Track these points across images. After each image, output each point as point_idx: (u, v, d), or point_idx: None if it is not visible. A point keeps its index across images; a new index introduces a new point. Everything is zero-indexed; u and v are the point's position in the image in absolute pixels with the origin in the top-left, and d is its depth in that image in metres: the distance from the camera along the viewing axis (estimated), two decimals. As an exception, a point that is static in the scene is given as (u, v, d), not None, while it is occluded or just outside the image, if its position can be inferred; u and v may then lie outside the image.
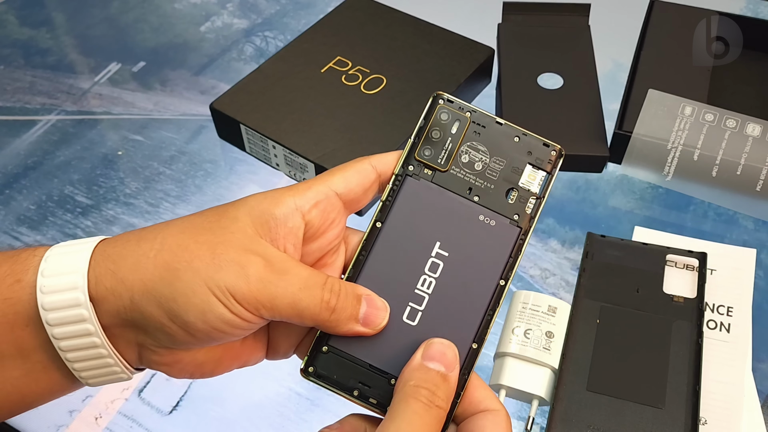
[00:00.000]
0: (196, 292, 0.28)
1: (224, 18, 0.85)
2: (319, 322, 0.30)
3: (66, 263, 0.29)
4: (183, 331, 0.29)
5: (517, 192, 0.33)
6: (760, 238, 0.60)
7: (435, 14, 0.74)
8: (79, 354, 0.29)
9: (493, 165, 0.33)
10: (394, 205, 0.33)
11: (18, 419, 0.51)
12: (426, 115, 0.34)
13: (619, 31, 0.76)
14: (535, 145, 0.34)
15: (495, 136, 0.33)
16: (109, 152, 0.70)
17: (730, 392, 0.49)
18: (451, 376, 0.29)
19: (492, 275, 0.32)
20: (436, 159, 0.33)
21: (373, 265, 0.32)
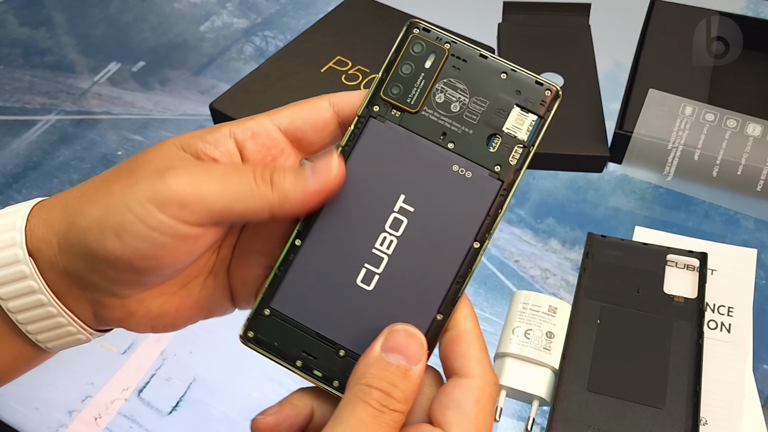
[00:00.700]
0: (110, 213, 0.26)
1: (224, 18, 0.84)
2: (262, 205, 0.27)
3: (5, 222, 0.28)
4: (109, 267, 0.27)
5: (501, 139, 0.28)
6: (761, 238, 0.59)
7: (435, 14, 0.74)
8: (30, 314, 0.28)
9: (473, 106, 0.28)
10: (353, 151, 0.28)
11: (17, 419, 0.51)
12: (397, 46, 0.29)
13: (620, 31, 0.75)
14: (525, 83, 0.28)
15: (477, 72, 0.28)
16: (108, 152, 0.70)
17: (730, 392, 0.49)
18: (413, 371, 0.26)
19: (464, 235, 0.28)
20: (405, 98, 0.28)
21: (326, 219, 0.28)
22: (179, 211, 0.26)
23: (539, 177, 0.65)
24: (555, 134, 0.63)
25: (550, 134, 0.71)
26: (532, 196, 0.64)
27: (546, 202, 0.64)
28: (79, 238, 0.27)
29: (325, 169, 0.27)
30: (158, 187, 0.26)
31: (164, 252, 0.27)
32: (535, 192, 0.65)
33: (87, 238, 0.27)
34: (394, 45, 0.29)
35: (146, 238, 0.26)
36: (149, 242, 0.26)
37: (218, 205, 0.26)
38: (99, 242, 0.27)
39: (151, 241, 0.26)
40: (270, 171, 0.27)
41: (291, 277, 0.28)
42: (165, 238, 0.26)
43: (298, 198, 0.27)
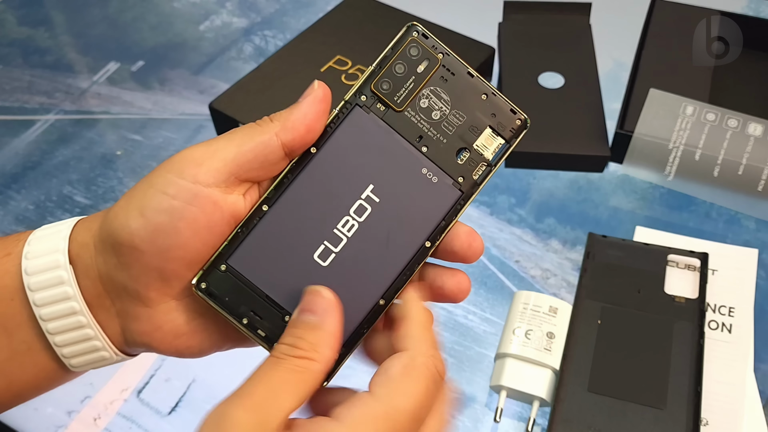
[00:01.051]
0: (134, 194, 0.28)
1: (223, 17, 0.84)
2: (268, 136, 0.29)
3: (52, 231, 0.30)
4: (134, 256, 0.28)
5: (470, 153, 0.30)
6: (762, 238, 0.59)
7: (435, 13, 0.74)
8: (60, 323, 0.29)
9: (452, 118, 0.30)
10: (334, 133, 0.30)
11: (17, 420, 0.51)
12: (394, 45, 0.30)
13: (621, 31, 0.75)
14: (501, 108, 0.31)
15: (462, 88, 0.31)
16: (107, 152, 0.70)
17: (731, 393, 0.49)
18: (322, 323, 0.27)
19: (419, 233, 0.30)
20: (393, 96, 0.30)
21: (296, 191, 0.30)
22: (197, 171, 0.28)
23: (540, 177, 0.65)
24: (555, 134, 0.63)
25: (550, 134, 0.71)
26: (532, 196, 0.64)
27: (547, 202, 0.63)
28: (108, 230, 0.29)
29: (309, 89, 0.30)
30: (176, 158, 0.28)
31: (184, 224, 0.28)
32: (536, 192, 0.64)
33: (113, 225, 0.28)
34: (392, 42, 0.31)
35: (167, 210, 0.28)
36: (170, 214, 0.28)
37: (230, 152, 0.28)
38: (124, 226, 0.28)
39: (171, 213, 0.28)
40: (266, 117, 0.29)
41: (251, 238, 0.29)
42: (185, 207, 0.28)
43: (298, 115, 0.29)
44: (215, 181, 0.28)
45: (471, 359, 0.53)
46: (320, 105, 0.30)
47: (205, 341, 0.31)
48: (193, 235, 0.28)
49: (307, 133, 0.29)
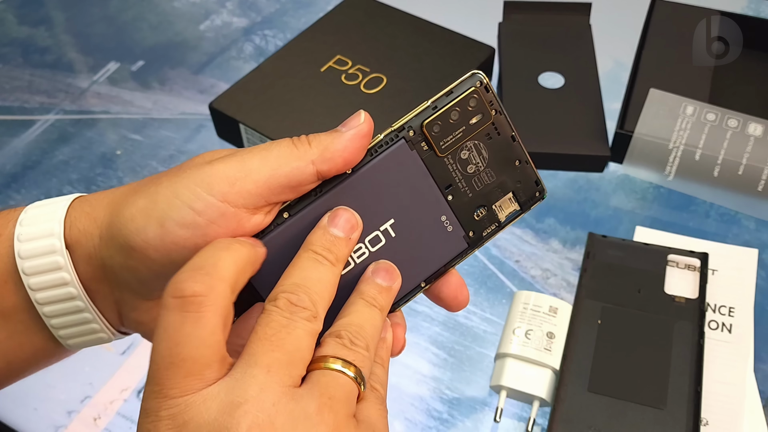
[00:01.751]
0: (158, 201, 0.27)
1: (224, 17, 0.84)
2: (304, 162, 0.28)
3: (45, 212, 0.29)
4: (144, 261, 0.27)
5: (486, 212, 0.31)
6: (762, 238, 0.59)
7: (435, 13, 0.74)
8: (56, 308, 0.29)
9: (484, 176, 0.31)
10: (373, 160, 0.30)
11: (17, 420, 0.51)
12: (457, 87, 0.30)
13: (621, 31, 0.75)
14: (528, 177, 0.31)
15: (502, 150, 0.31)
16: (107, 151, 0.70)
17: (731, 393, 0.49)
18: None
19: (419, 274, 0.31)
20: (440, 140, 0.30)
21: (319, 207, 0.29)
22: (228, 190, 0.27)
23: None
24: (555, 134, 0.63)
25: (550, 134, 0.71)
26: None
27: (547, 202, 0.63)
28: (121, 229, 0.28)
29: (355, 120, 0.29)
30: (207, 171, 0.27)
31: (204, 241, 0.27)
32: (536, 192, 0.64)
33: (128, 227, 0.27)
34: (455, 84, 0.30)
35: (190, 225, 0.27)
36: (192, 229, 0.27)
37: (263, 174, 0.27)
38: (140, 232, 0.27)
39: (194, 228, 0.27)
40: (305, 136, 0.29)
41: (266, 243, 0.29)
42: (209, 225, 0.27)
43: (338, 147, 0.28)
44: (245, 203, 0.27)
45: (471, 359, 0.53)
46: (363, 141, 0.29)
47: None
48: None
49: (344, 165, 0.29)
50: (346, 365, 0.25)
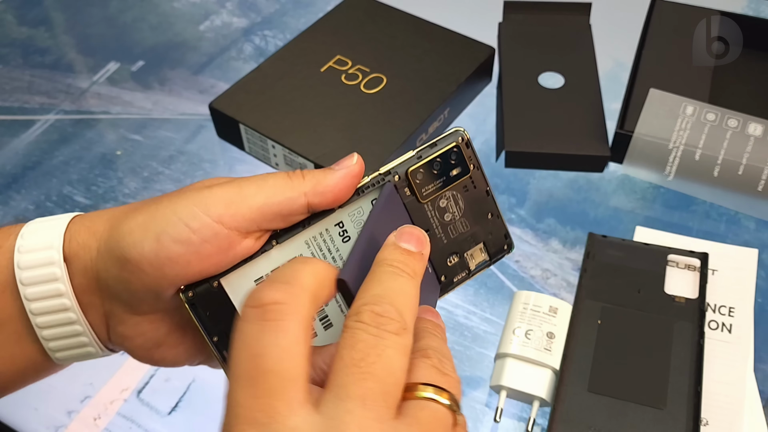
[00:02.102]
0: (156, 217, 0.28)
1: (223, 17, 0.84)
2: (297, 193, 0.29)
3: (46, 226, 0.30)
4: (137, 275, 0.28)
5: (458, 259, 0.33)
6: (762, 238, 0.59)
7: (435, 13, 0.74)
8: (49, 318, 0.29)
9: (459, 225, 0.33)
10: (360, 199, 0.31)
11: (17, 420, 0.51)
12: (441, 141, 0.32)
13: (621, 30, 0.75)
14: (498, 230, 0.34)
15: (477, 202, 0.33)
16: (107, 152, 0.70)
17: (731, 393, 0.49)
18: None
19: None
20: (422, 188, 0.32)
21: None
22: (224, 212, 0.28)
23: (540, 177, 0.65)
24: (555, 134, 0.63)
25: (550, 134, 0.71)
26: (532, 196, 0.64)
27: (546, 202, 0.63)
28: (119, 241, 0.29)
29: (348, 161, 0.30)
30: (205, 194, 0.29)
31: (197, 259, 0.28)
32: (536, 192, 0.64)
33: (126, 240, 0.28)
34: (439, 138, 0.32)
35: (185, 242, 0.28)
36: (186, 246, 0.28)
37: (258, 201, 0.29)
38: (136, 245, 0.28)
39: (188, 245, 0.28)
40: (299, 170, 0.30)
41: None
42: (202, 244, 0.28)
43: (330, 183, 0.30)
44: (238, 226, 0.29)
45: (471, 359, 0.53)
46: (353, 180, 0.30)
47: (180, 354, 0.32)
48: (201, 270, 0.29)
49: (334, 201, 0.30)
50: (440, 392, 0.25)
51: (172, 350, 0.31)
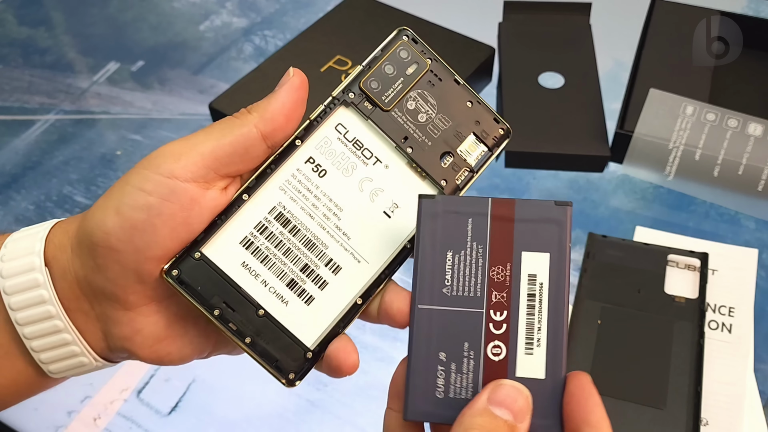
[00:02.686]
0: (112, 192, 0.28)
1: (223, 17, 0.84)
2: (247, 128, 0.28)
3: (29, 233, 0.29)
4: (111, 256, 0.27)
5: (453, 158, 0.31)
6: (762, 238, 0.59)
7: (435, 13, 0.74)
8: (37, 328, 0.28)
9: (438, 122, 0.31)
10: (319, 127, 0.30)
11: (17, 420, 0.51)
12: (385, 47, 0.31)
13: (621, 30, 0.75)
14: (485, 117, 0.31)
15: (448, 94, 0.31)
16: (107, 152, 0.70)
17: (731, 393, 0.49)
18: (520, 428, 0.25)
19: (400, 234, 0.30)
20: (381, 95, 0.30)
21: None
22: (173, 166, 0.27)
23: (540, 177, 0.65)
24: (555, 134, 0.63)
25: (550, 134, 0.71)
26: (532, 196, 0.64)
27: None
28: (85, 230, 0.28)
29: (285, 77, 0.30)
30: (153, 154, 0.28)
31: (161, 221, 0.27)
32: (536, 192, 0.64)
33: (89, 225, 0.28)
34: (382, 44, 0.31)
35: (143, 207, 0.27)
36: (146, 211, 0.27)
37: (208, 146, 0.28)
38: (99, 225, 0.27)
39: (148, 210, 0.27)
40: (244, 108, 0.29)
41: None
42: (162, 204, 0.27)
43: (277, 105, 0.29)
44: (193, 176, 0.27)
45: (471, 359, 0.53)
46: (297, 93, 0.29)
47: (185, 347, 0.31)
48: (170, 232, 0.28)
49: (287, 122, 0.29)
50: None
51: (176, 343, 0.30)
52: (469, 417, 0.25)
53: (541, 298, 0.27)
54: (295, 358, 0.29)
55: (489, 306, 0.27)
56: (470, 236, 0.28)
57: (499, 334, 0.27)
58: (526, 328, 0.27)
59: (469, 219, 0.28)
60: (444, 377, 0.27)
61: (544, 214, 0.28)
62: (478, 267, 0.28)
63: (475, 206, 0.28)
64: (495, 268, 0.28)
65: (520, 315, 0.27)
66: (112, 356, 0.31)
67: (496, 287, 0.27)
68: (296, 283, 0.30)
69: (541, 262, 0.27)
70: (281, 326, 0.29)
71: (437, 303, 0.27)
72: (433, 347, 0.27)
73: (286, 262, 0.29)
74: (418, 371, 0.27)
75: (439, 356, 0.27)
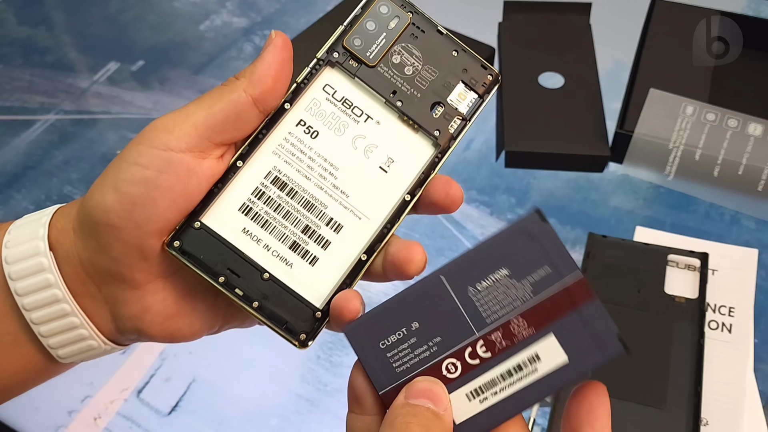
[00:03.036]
0: (108, 171, 0.28)
1: (223, 17, 0.84)
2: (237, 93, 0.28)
3: (32, 219, 0.29)
4: (113, 235, 0.27)
5: (444, 108, 0.31)
6: (762, 238, 0.59)
7: (435, 13, 0.73)
8: (44, 312, 0.28)
9: (425, 73, 0.31)
10: (307, 89, 0.30)
11: (17, 420, 0.51)
12: (364, 4, 0.31)
13: (621, 30, 0.75)
14: (472, 64, 0.31)
15: (433, 44, 0.31)
16: (108, 152, 0.70)
17: (731, 393, 0.49)
18: (444, 414, 0.25)
19: (398, 189, 0.30)
20: (366, 51, 0.31)
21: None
22: (167, 138, 0.27)
23: (540, 177, 0.65)
24: (555, 134, 0.63)
25: (550, 134, 0.71)
26: (532, 196, 0.64)
27: (547, 202, 0.63)
28: (86, 211, 0.28)
29: (268, 40, 0.29)
30: (146, 129, 0.28)
31: (160, 193, 0.27)
32: (536, 192, 0.64)
33: (89, 205, 0.28)
34: (361, 2, 0.31)
35: (140, 181, 0.27)
36: (144, 184, 0.27)
37: (200, 116, 0.28)
38: (98, 204, 0.28)
39: (146, 183, 0.27)
40: (232, 76, 0.29)
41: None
42: (159, 176, 0.27)
43: (263, 67, 0.29)
44: (187, 146, 0.28)
45: (471, 359, 0.53)
46: (282, 53, 0.29)
47: (195, 322, 0.30)
48: (169, 205, 0.28)
49: (275, 83, 0.29)
50: None
51: (185, 319, 0.30)
52: (392, 412, 0.25)
53: (521, 378, 0.26)
54: (304, 318, 0.29)
55: (485, 336, 0.26)
56: (533, 279, 0.26)
57: (468, 361, 0.26)
58: (486, 381, 0.26)
59: (555, 264, 0.26)
60: (398, 338, 0.27)
61: (595, 329, 0.26)
62: (512, 303, 0.26)
63: (563, 262, 0.26)
64: (522, 320, 0.26)
65: (494, 368, 0.26)
66: (122, 339, 0.31)
67: (504, 333, 0.26)
68: (299, 244, 0.30)
69: (555, 355, 0.26)
70: (288, 288, 0.29)
71: (454, 290, 0.26)
72: (416, 311, 0.26)
73: (287, 224, 0.30)
74: (386, 314, 0.27)
75: (412, 322, 0.26)
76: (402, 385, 0.26)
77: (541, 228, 0.27)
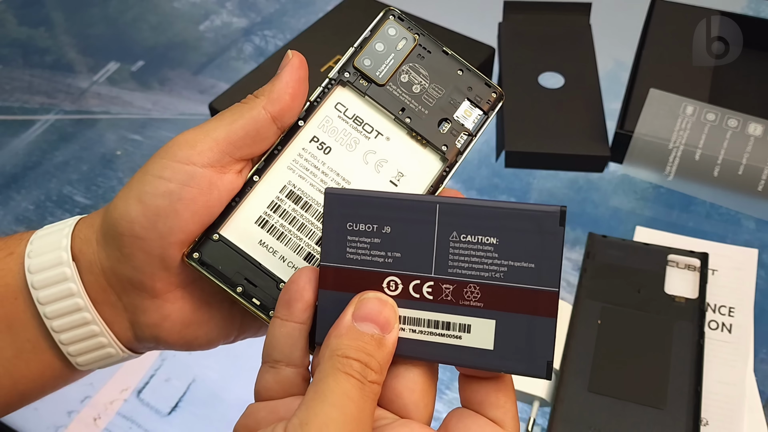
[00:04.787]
0: (132, 184, 0.29)
1: (223, 17, 0.84)
2: (257, 111, 0.29)
3: (55, 229, 0.30)
4: (136, 245, 0.28)
5: (451, 124, 0.32)
6: (762, 238, 0.59)
7: (435, 13, 0.74)
8: (65, 321, 0.29)
9: (432, 91, 0.32)
10: (320, 107, 0.32)
11: (17, 420, 0.51)
12: (373, 27, 0.33)
13: (621, 30, 0.75)
14: (476, 83, 0.33)
15: (438, 64, 0.33)
16: (107, 152, 0.70)
17: (731, 393, 0.49)
18: (387, 340, 0.25)
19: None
20: (375, 71, 0.32)
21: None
22: (190, 152, 0.28)
23: (540, 177, 0.65)
24: (555, 134, 0.63)
25: (550, 134, 0.71)
26: (532, 196, 0.64)
27: (547, 203, 0.63)
28: (108, 221, 0.29)
29: (285, 60, 0.31)
30: (169, 144, 0.29)
31: (183, 206, 0.28)
32: (536, 192, 0.64)
33: (113, 216, 0.29)
34: (371, 25, 0.33)
35: (164, 193, 0.28)
36: (168, 197, 0.28)
37: (221, 132, 0.29)
38: (123, 216, 0.28)
39: (169, 196, 0.28)
40: (251, 95, 0.30)
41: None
42: (182, 189, 0.28)
43: (281, 85, 0.30)
44: (209, 161, 0.29)
45: (471, 359, 0.53)
46: (299, 72, 0.31)
47: (212, 330, 0.32)
48: (192, 216, 0.29)
49: (293, 100, 0.30)
50: None
51: (203, 328, 0.31)
52: (335, 338, 0.25)
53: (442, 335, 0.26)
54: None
55: (437, 280, 0.26)
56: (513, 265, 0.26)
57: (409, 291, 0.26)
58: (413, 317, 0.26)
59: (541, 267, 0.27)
60: (365, 230, 0.27)
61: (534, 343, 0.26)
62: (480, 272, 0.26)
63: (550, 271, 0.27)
64: (477, 290, 0.26)
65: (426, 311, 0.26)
66: (139, 347, 0.31)
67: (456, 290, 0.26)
68: (313, 256, 0.30)
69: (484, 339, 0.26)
70: None
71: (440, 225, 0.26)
72: (396, 219, 0.27)
73: (302, 237, 0.30)
74: (369, 204, 0.27)
75: (386, 225, 0.27)
76: (342, 271, 0.27)
77: (553, 228, 0.28)
